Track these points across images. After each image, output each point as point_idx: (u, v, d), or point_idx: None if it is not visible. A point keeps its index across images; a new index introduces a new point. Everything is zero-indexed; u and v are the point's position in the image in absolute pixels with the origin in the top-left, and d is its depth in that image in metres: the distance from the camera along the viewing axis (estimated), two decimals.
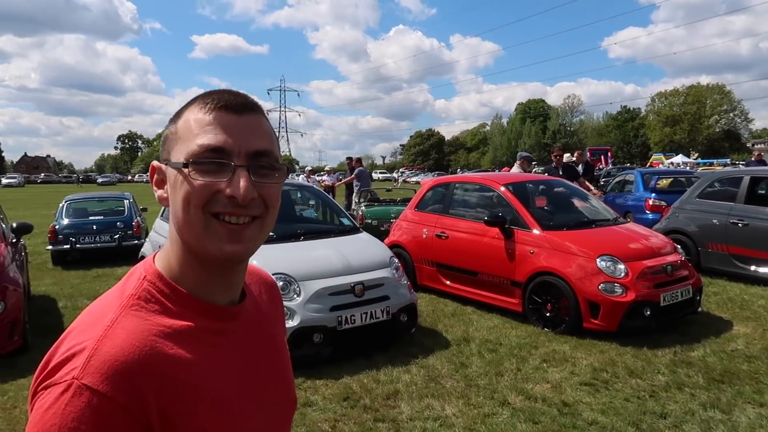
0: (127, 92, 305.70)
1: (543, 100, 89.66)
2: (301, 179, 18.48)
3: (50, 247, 9.60)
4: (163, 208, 7.04)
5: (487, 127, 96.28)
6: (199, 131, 0.80)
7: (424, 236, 7.15)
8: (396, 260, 5.57)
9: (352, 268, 5.06)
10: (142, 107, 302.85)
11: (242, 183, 0.78)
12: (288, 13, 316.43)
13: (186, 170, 0.79)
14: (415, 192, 13.25)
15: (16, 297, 4.94)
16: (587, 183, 9.56)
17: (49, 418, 0.69)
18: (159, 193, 0.87)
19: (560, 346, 5.22)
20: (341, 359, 4.86)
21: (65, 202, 10.60)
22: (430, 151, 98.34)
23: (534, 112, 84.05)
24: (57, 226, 9.71)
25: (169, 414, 0.75)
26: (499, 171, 25.94)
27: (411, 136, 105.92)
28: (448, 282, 6.88)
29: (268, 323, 0.99)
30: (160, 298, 0.82)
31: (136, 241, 9.73)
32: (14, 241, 6.01)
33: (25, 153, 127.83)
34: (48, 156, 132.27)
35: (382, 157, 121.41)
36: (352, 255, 5.24)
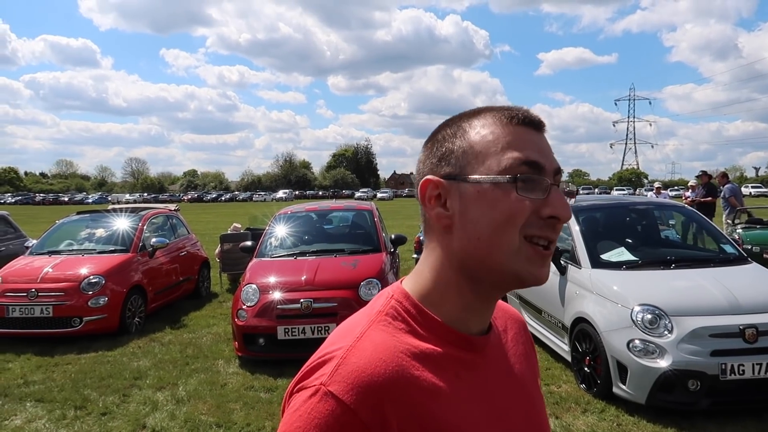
0: None
1: None
2: (650, 196, 16.40)
3: (415, 255, 10.81)
4: None
5: None
6: (507, 145, 0.75)
7: None
8: None
9: (740, 307, 4.19)
10: None
11: (564, 201, 0.75)
12: (640, 16, 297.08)
13: (504, 185, 0.74)
14: None
15: None
16: None
17: (295, 420, 0.70)
18: (438, 211, 0.79)
19: None
20: (724, 416, 4.06)
21: None
22: None
23: None
24: (421, 237, 10.88)
25: None
26: None
27: None
28: None
29: (517, 361, 0.89)
30: (407, 318, 0.79)
31: None
32: (392, 251, 6.89)
33: (394, 171, 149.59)
34: (411, 173, 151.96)
35: (755, 168, 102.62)
36: (741, 290, 4.35)
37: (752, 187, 65.33)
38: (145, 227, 7.95)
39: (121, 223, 7.97)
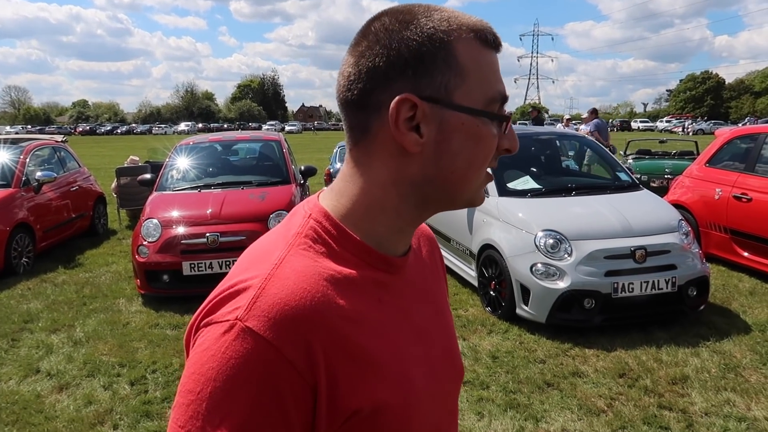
0: None
1: None
2: (558, 127, 17.42)
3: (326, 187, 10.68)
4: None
5: None
6: (491, 75, 0.70)
7: (717, 197, 6.06)
8: (685, 224, 4.79)
9: (632, 230, 4.48)
10: None
11: (514, 134, 0.73)
12: None
13: (487, 120, 0.69)
14: (695, 144, 11.58)
15: None
16: None
17: (207, 360, 0.61)
18: (411, 137, 0.67)
19: None
20: (614, 330, 4.39)
21: (338, 147, 11.62)
22: (704, 96, 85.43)
23: None
24: (332, 170, 10.73)
25: (337, 376, 0.63)
26: None
27: (681, 80, 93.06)
28: (745, 253, 5.77)
29: (430, 280, 0.85)
30: (327, 239, 0.71)
31: None
32: (302, 182, 6.72)
33: (303, 104, 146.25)
34: (320, 106, 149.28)
35: (644, 104, 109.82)
36: (633, 215, 4.64)
37: (640, 121, 70.02)
38: (27, 160, 7.22)
39: (0, 156, 7.20)
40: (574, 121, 17.97)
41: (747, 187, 5.77)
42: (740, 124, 38.27)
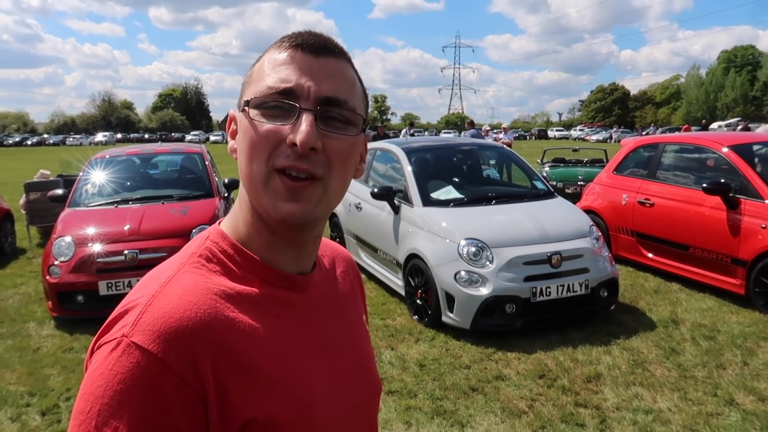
0: None
1: (753, 46, 77.15)
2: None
3: None
4: None
5: (681, 79, 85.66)
6: (270, 71, 0.71)
7: (624, 203, 6.47)
8: (596, 230, 5.08)
9: (548, 237, 4.70)
10: None
11: (303, 126, 0.67)
12: None
13: (250, 112, 0.70)
14: (605, 152, 12.26)
15: None
16: None
17: (96, 379, 0.62)
18: (231, 144, 0.77)
19: None
20: (534, 333, 4.59)
21: None
22: (612, 106, 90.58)
23: (741, 60, 72.80)
24: None
25: (227, 387, 0.64)
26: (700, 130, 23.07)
27: (591, 91, 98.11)
28: (650, 255, 6.19)
29: (342, 299, 0.88)
30: (223, 259, 0.73)
31: None
32: (226, 195, 6.59)
33: (228, 113, 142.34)
34: None
35: (559, 113, 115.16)
36: (548, 222, 4.87)
37: (556, 130, 73.48)
38: None
39: None
40: (493, 130, 18.67)
41: (649, 192, 6.20)
42: (644, 133, 40.89)
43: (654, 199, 6.11)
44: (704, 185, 5.45)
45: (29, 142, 75.31)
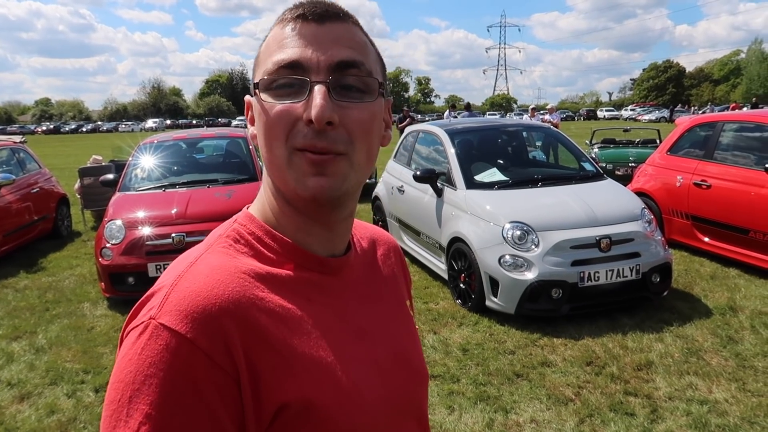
0: None
1: None
2: (525, 119, 17.62)
3: None
4: (396, 146, 7.17)
5: (742, 55, 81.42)
6: (275, 48, 0.68)
7: (678, 184, 6.19)
8: (648, 212, 4.88)
9: (597, 220, 4.54)
10: None
11: (317, 100, 0.63)
12: None
13: (261, 95, 0.68)
14: (658, 132, 11.78)
15: None
16: None
17: (125, 365, 0.60)
18: (251, 129, 0.74)
19: None
20: (581, 318, 4.46)
21: None
22: (666, 84, 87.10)
23: None
24: None
25: (259, 369, 0.61)
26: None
27: (644, 69, 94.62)
28: (706, 239, 5.91)
29: (381, 283, 0.84)
30: (251, 240, 0.71)
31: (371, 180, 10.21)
32: None
33: (245, 100, 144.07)
34: None
35: (609, 93, 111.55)
36: (598, 205, 4.70)
37: (606, 110, 71.09)
38: None
39: None
40: (540, 111, 18.20)
41: (706, 174, 5.90)
42: (701, 112, 39.16)
43: (711, 181, 5.82)
44: (766, 166, 5.16)
45: (84, 129, 78.25)
